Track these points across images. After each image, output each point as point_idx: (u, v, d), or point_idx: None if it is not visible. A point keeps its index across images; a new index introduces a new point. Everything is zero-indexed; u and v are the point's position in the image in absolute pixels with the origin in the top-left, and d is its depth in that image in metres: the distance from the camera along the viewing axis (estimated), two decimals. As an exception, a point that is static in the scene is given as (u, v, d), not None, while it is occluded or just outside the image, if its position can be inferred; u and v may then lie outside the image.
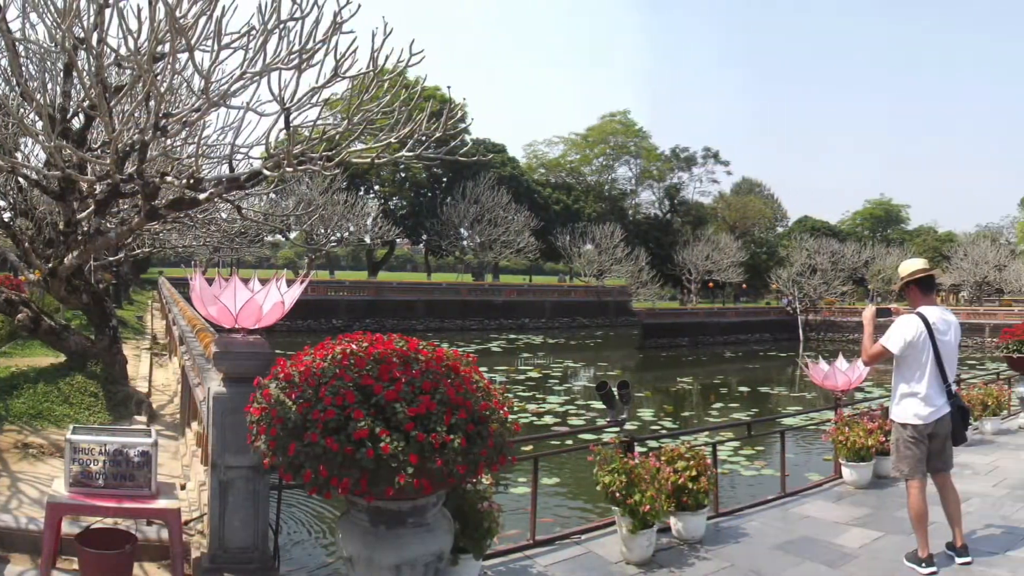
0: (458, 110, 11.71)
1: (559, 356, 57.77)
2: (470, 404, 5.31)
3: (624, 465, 7.59)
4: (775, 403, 38.95)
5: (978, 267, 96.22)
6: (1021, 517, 9.04)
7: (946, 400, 7.52)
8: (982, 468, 11.72)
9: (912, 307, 7.72)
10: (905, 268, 7.87)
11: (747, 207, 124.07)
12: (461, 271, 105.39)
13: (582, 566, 7.56)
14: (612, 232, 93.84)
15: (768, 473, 19.69)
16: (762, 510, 9.72)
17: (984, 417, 14.37)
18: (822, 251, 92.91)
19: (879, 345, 7.62)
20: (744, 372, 54.96)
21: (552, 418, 29.83)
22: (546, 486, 18.48)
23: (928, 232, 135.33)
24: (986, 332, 71.30)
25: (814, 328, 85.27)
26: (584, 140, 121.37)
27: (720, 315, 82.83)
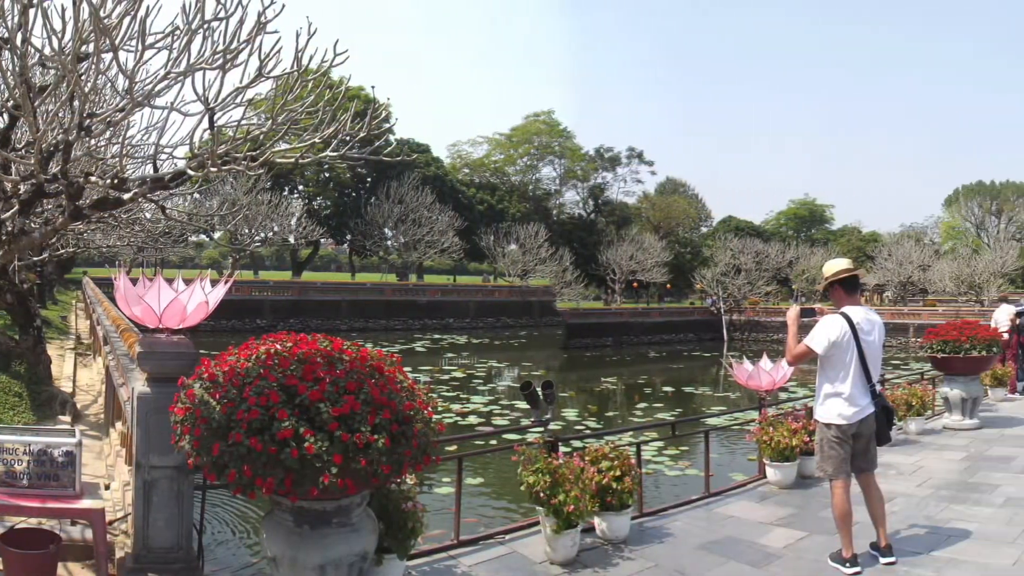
0: (382, 110, 11.65)
1: (483, 356, 57.90)
2: (394, 404, 5.32)
3: (548, 465, 7.62)
4: (699, 403, 38.94)
5: (902, 267, 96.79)
6: (945, 517, 9.11)
7: (870, 400, 7.60)
8: (906, 468, 11.82)
9: (836, 307, 7.76)
10: (829, 268, 7.92)
11: (671, 207, 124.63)
12: (385, 271, 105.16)
13: (506, 566, 7.60)
14: (536, 232, 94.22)
15: (692, 473, 19.61)
16: (686, 510, 9.78)
17: (908, 417, 14.48)
18: (746, 251, 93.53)
19: (803, 345, 7.65)
20: (668, 372, 55.10)
21: (476, 418, 29.79)
22: (470, 486, 18.33)
23: (852, 232, 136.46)
24: (910, 332, 71.82)
25: (738, 328, 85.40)
26: (508, 140, 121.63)
27: (644, 315, 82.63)
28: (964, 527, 8.62)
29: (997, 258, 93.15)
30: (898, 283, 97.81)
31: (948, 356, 15.23)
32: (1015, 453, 12.74)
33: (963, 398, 15.18)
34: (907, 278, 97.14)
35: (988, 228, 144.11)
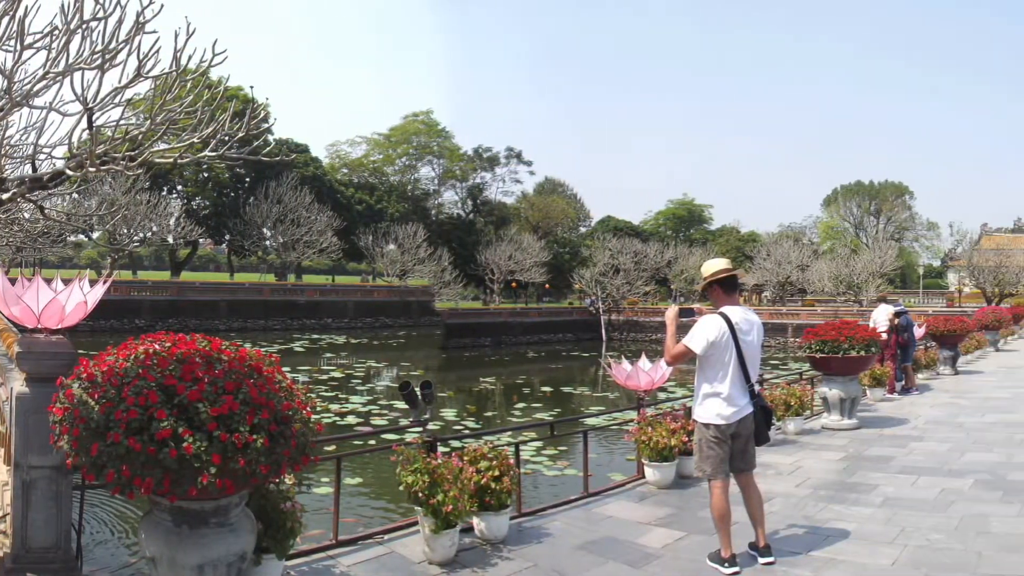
0: (261, 110, 11.55)
1: (362, 356, 57.97)
2: (273, 404, 5.35)
3: (427, 465, 7.60)
4: (578, 403, 39.20)
5: (781, 267, 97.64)
6: (824, 517, 9.21)
7: (749, 400, 7.62)
8: (785, 468, 11.92)
9: (715, 307, 7.76)
10: (708, 268, 7.92)
11: (550, 207, 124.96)
12: (264, 271, 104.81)
13: (385, 566, 7.57)
14: (415, 232, 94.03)
15: (571, 473, 19.80)
16: (565, 510, 9.80)
17: (787, 417, 14.57)
18: (625, 251, 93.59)
19: (682, 345, 7.63)
20: (547, 372, 55.39)
21: (355, 418, 29.95)
22: (349, 486, 18.51)
23: (731, 232, 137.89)
24: (789, 332, 72.50)
25: (617, 328, 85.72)
26: (387, 140, 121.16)
27: (523, 315, 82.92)
28: (843, 527, 8.71)
29: (876, 258, 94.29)
30: (777, 283, 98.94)
31: (827, 356, 15.34)
32: (893, 453, 12.90)
33: (842, 398, 15.29)
34: (786, 278, 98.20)
35: (867, 228, 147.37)
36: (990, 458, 12.36)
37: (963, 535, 8.31)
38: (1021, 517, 8.99)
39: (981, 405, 18.36)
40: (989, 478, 10.99)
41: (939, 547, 7.94)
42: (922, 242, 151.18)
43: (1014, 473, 11.29)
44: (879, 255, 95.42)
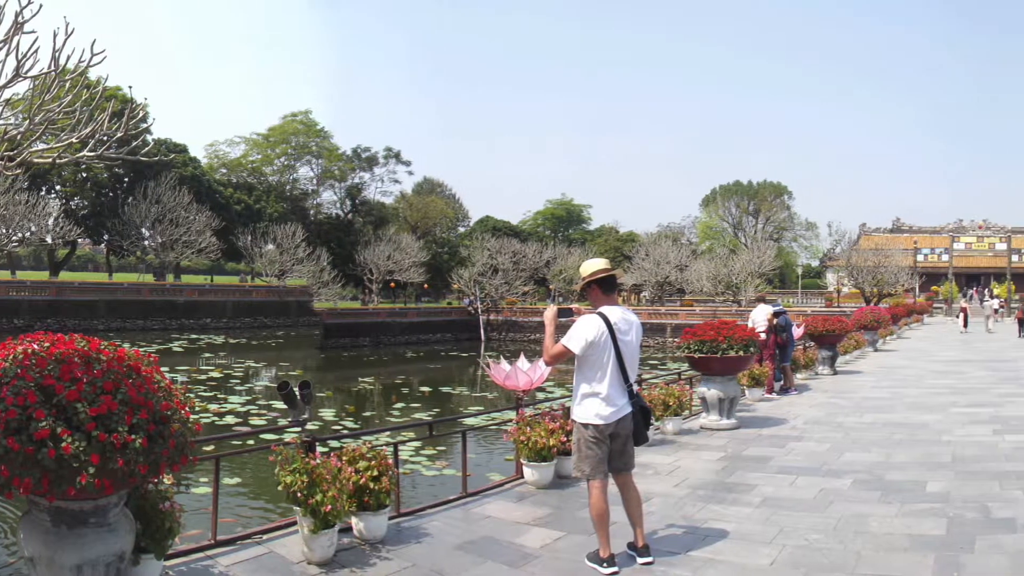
0: (140, 110, 11.38)
1: (241, 356, 57.92)
2: (152, 404, 5.35)
3: (305, 465, 7.58)
4: (457, 403, 39.27)
5: (660, 267, 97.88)
6: (702, 517, 9.27)
7: (627, 400, 7.63)
8: (664, 468, 11.97)
9: (594, 307, 7.75)
10: (586, 268, 7.88)
11: (429, 207, 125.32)
12: (143, 271, 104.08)
13: (264, 566, 7.53)
14: (294, 232, 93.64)
15: (450, 473, 19.86)
16: (444, 510, 9.78)
17: (666, 417, 14.60)
18: (504, 251, 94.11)
19: (560, 345, 7.58)
20: (426, 372, 55.16)
21: (234, 418, 29.81)
22: (228, 486, 18.52)
23: (610, 232, 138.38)
24: (667, 332, 72.65)
25: (496, 328, 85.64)
26: (266, 140, 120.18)
27: (402, 315, 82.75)
28: (721, 527, 8.81)
29: (754, 258, 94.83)
30: (655, 283, 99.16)
31: (705, 356, 15.42)
32: (772, 453, 13.04)
33: (720, 398, 15.39)
34: (664, 278, 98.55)
35: (746, 228, 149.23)
36: (869, 458, 12.56)
37: (842, 535, 8.44)
38: (899, 517, 9.12)
39: (860, 405, 18.76)
40: (868, 478, 11.17)
41: (818, 547, 8.05)
42: (801, 242, 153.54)
43: (892, 473, 11.49)
44: (758, 255, 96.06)
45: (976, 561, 7.52)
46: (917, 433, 14.81)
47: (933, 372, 27.26)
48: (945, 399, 19.49)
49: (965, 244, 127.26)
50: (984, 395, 20.36)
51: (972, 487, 10.46)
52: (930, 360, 32.65)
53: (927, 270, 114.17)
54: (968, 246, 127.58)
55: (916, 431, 15.02)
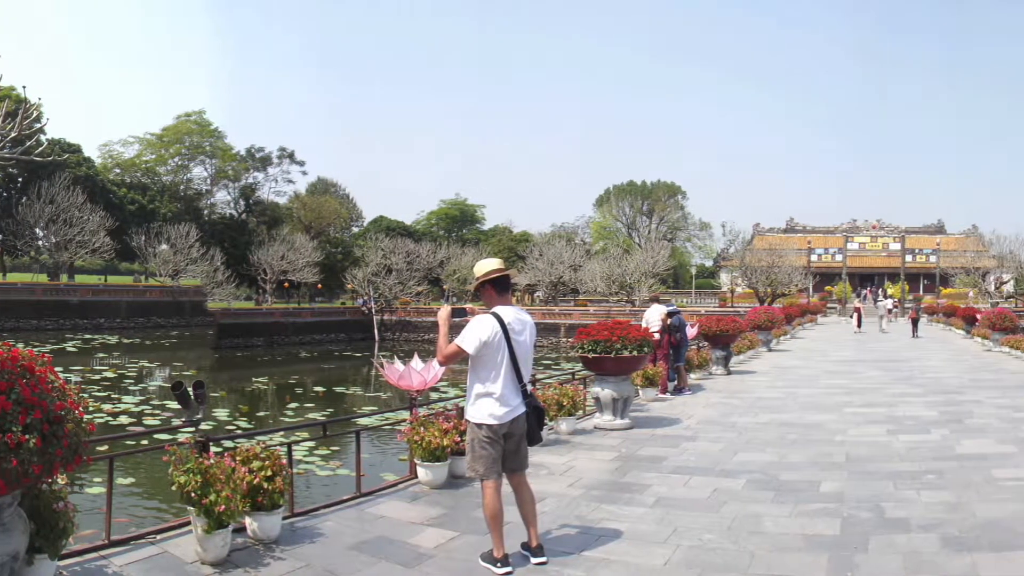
0: (34, 110, 11.20)
1: (135, 356, 57.67)
2: (45, 404, 5.26)
3: (199, 465, 7.48)
4: (351, 403, 39.32)
5: (553, 267, 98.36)
6: (596, 517, 9.26)
7: (521, 400, 7.64)
8: (558, 468, 11.94)
9: (487, 307, 7.73)
10: (480, 268, 7.85)
11: (322, 207, 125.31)
12: (36, 271, 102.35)
13: (157, 566, 7.42)
14: (187, 232, 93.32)
15: (344, 473, 19.84)
16: (338, 510, 9.71)
17: (560, 417, 14.54)
18: (397, 251, 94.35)
19: (454, 345, 7.52)
20: (320, 372, 55.11)
21: (128, 418, 29.66)
22: (122, 486, 18.38)
23: (504, 232, 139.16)
24: (561, 332, 73.18)
25: (390, 328, 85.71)
26: (160, 140, 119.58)
27: (296, 315, 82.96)
28: (615, 527, 8.82)
29: (648, 258, 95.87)
30: (549, 283, 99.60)
31: (599, 356, 15.35)
32: (666, 453, 13.04)
33: (614, 398, 15.37)
34: (558, 278, 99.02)
35: (639, 228, 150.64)
36: (763, 458, 12.64)
37: (736, 535, 8.51)
38: (793, 517, 9.22)
39: (753, 405, 18.88)
40: (762, 478, 11.23)
41: (712, 547, 8.10)
42: (695, 242, 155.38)
43: (786, 473, 11.58)
44: (651, 255, 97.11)
45: (870, 561, 7.61)
46: (811, 433, 14.97)
47: (827, 372, 27.62)
48: (839, 399, 19.76)
49: (859, 244, 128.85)
50: (878, 395, 20.63)
51: (866, 487, 10.60)
52: (824, 360, 33.16)
53: (821, 270, 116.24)
54: (862, 246, 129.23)
55: (810, 431, 15.20)
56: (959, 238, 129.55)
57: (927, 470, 11.54)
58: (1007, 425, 15.42)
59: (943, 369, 28.21)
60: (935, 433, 14.73)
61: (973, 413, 16.98)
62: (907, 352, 37.18)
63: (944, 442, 13.82)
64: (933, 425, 15.59)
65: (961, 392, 20.93)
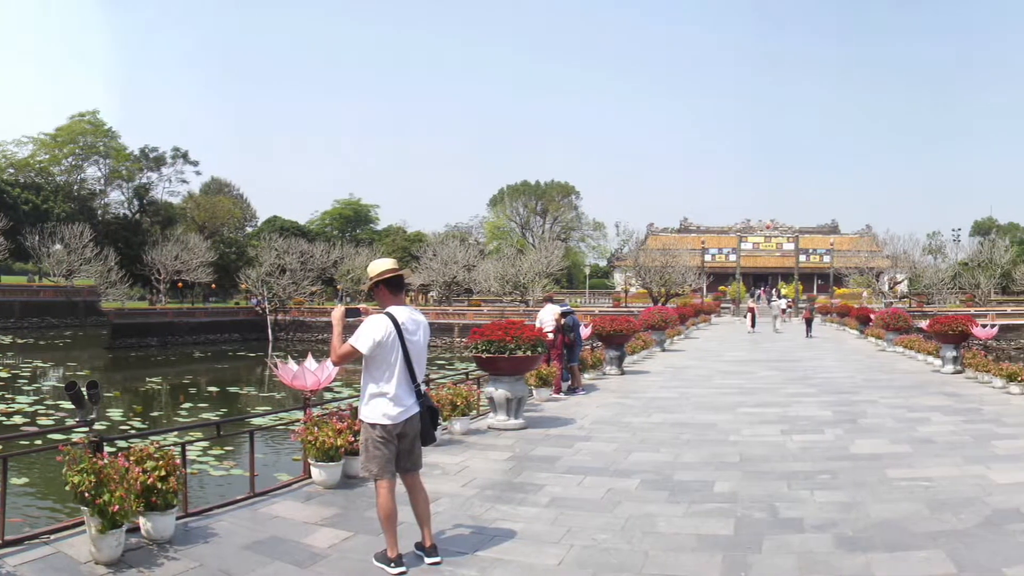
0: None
1: (28, 356, 56.92)
2: None
3: (93, 465, 7.42)
4: (245, 403, 39.17)
5: (447, 267, 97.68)
6: (490, 517, 9.32)
7: (415, 400, 7.70)
8: (452, 468, 11.96)
9: (381, 307, 7.75)
10: (374, 268, 7.87)
11: (216, 207, 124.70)
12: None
13: (51, 566, 7.35)
14: (81, 232, 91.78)
15: (238, 473, 19.74)
16: (232, 510, 9.65)
17: (454, 417, 14.53)
18: (291, 251, 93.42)
19: (348, 345, 7.52)
20: (214, 372, 54.75)
21: (21, 418, 29.52)
22: (15, 486, 18.03)
23: (398, 232, 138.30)
24: (455, 332, 73.29)
25: (284, 328, 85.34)
26: (53, 140, 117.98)
27: (190, 315, 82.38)
28: (509, 527, 8.88)
29: (542, 258, 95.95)
30: (443, 283, 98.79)
31: (493, 356, 15.46)
32: (560, 453, 13.07)
33: (508, 398, 15.41)
34: (452, 278, 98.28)
35: (533, 228, 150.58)
36: (657, 458, 12.74)
37: (630, 535, 8.58)
38: (687, 517, 9.33)
39: (647, 405, 18.96)
40: (656, 478, 11.32)
41: (606, 547, 8.16)
42: (589, 242, 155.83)
43: (680, 473, 11.68)
44: (545, 255, 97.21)
45: (764, 561, 7.72)
46: (705, 433, 15.15)
47: (721, 372, 27.93)
48: (733, 399, 20.02)
49: (753, 244, 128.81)
50: (772, 395, 20.95)
51: (760, 487, 10.75)
52: (718, 360, 33.49)
53: (715, 270, 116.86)
54: (756, 246, 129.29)
55: (704, 431, 15.38)
56: (853, 238, 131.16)
57: (821, 470, 11.73)
58: (901, 425, 15.69)
59: (837, 369, 28.74)
60: (829, 433, 15.01)
61: (867, 413, 17.28)
62: (801, 352, 37.76)
63: (838, 442, 14.06)
64: (827, 425, 15.87)
65: (855, 392, 21.33)
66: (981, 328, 26.20)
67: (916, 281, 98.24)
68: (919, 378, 24.73)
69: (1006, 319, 71.60)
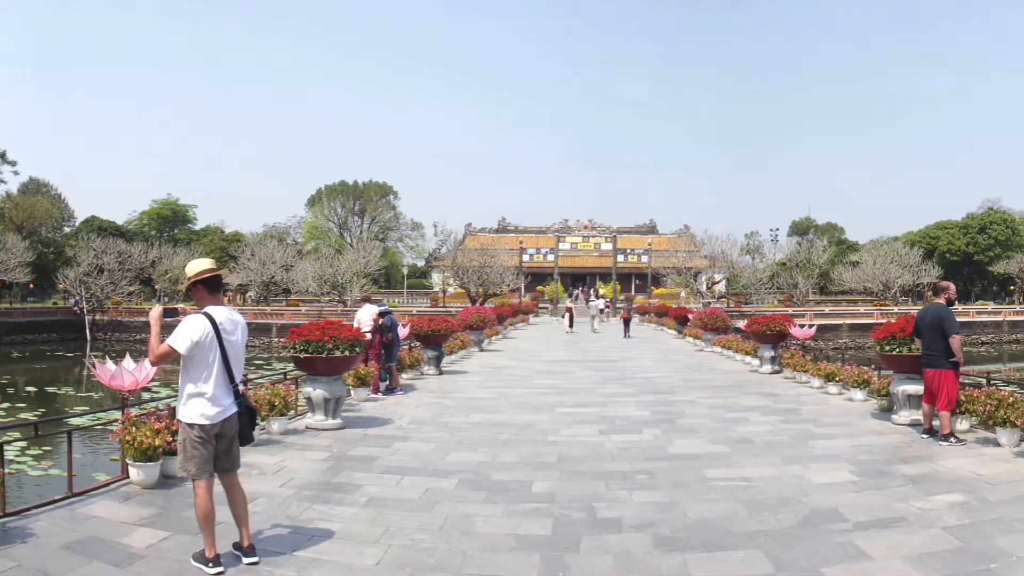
0: None
1: None
2: None
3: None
4: (63, 403, 38.26)
5: (265, 267, 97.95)
6: (308, 517, 9.34)
7: (233, 400, 7.74)
8: (269, 468, 11.92)
9: (199, 307, 7.75)
10: (192, 268, 7.85)
11: (34, 207, 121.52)
12: None
13: None
14: None
15: (56, 473, 19.31)
16: (50, 510, 9.49)
17: (271, 417, 14.51)
18: (109, 251, 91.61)
19: (166, 345, 7.46)
20: (32, 372, 53.45)
21: None
22: None
23: (216, 232, 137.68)
24: (273, 332, 73.15)
25: (102, 328, 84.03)
26: None
27: (7, 315, 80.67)
28: (327, 527, 8.92)
29: (360, 258, 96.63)
30: (261, 283, 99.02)
31: (311, 356, 15.47)
32: (378, 453, 13.11)
33: (326, 398, 15.43)
34: (270, 278, 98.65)
35: (351, 228, 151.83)
36: (475, 458, 12.84)
37: (448, 535, 8.68)
38: (505, 517, 9.45)
39: (465, 405, 19.10)
40: (474, 478, 11.41)
41: (424, 547, 8.23)
42: (407, 242, 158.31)
43: (498, 473, 11.79)
44: (363, 255, 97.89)
45: (582, 561, 7.82)
46: (523, 433, 15.27)
47: (539, 372, 28.11)
48: (551, 399, 20.19)
49: (571, 244, 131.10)
50: (590, 395, 21.08)
51: (578, 487, 10.89)
52: (536, 360, 33.75)
53: (533, 270, 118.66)
54: (574, 246, 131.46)
55: (522, 431, 15.49)
56: (671, 238, 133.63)
57: (639, 470, 11.91)
58: (719, 425, 16.02)
59: (655, 369, 29.13)
60: (647, 433, 15.23)
61: (685, 413, 17.57)
62: (619, 352, 38.09)
63: (656, 442, 14.28)
64: (645, 425, 16.11)
65: (673, 392, 21.69)
66: (799, 328, 26.56)
67: (734, 281, 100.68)
68: (737, 378, 25.27)
69: (824, 319, 74.31)
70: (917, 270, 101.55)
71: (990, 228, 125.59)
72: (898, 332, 15.44)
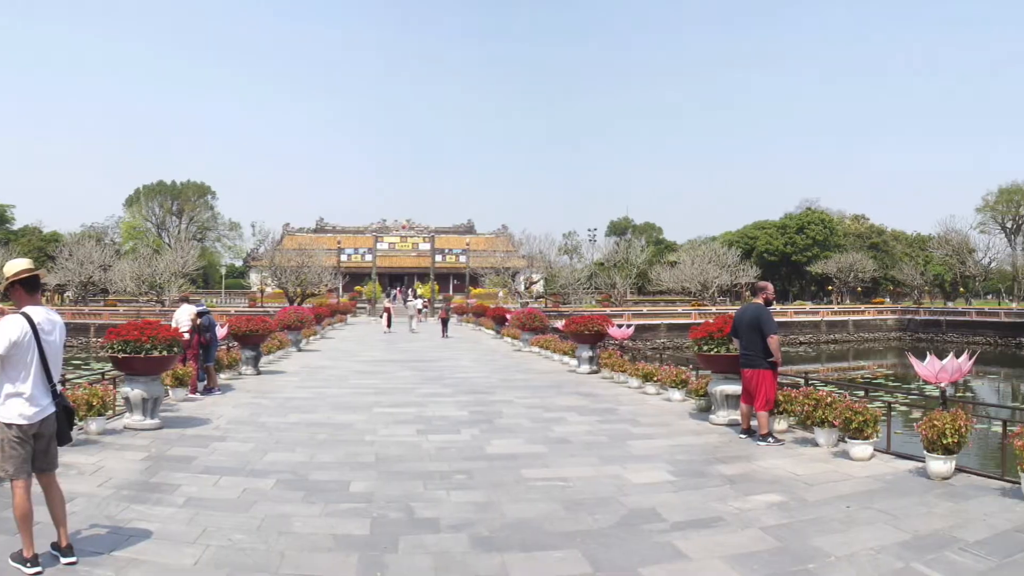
0: None
1: None
2: None
3: None
4: None
5: (83, 267, 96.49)
6: (127, 517, 9.23)
7: (51, 400, 7.68)
8: (88, 468, 11.75)
9: (18, 307, 7.68)
10: (10, 268, 7.82)
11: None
12: None
13: None
14: None
15: None
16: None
17: (89, 417, 14.31)
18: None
19: None
20: None
21: None
22: None
23: (34, 232, 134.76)
24: (92, 332, 71.95)
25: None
26: None
27: None
28: (146, 527, 8.82)
29: (178, 258, 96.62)
30: (79, 283, 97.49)
31: (129, 356, 15.41)
32: (196, 453, 13.05)
33: (144, 398, 15.31)
34: (88, 278, 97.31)
35: (169, 228, 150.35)
36: (293, 458, 12.85)
37: (266, 535, 8.69)
38: (323, 517, 9.50)
39: (283, 405, 19.15)
40: (292, 478, 11.44)
41: (242, 547, 8.23)
42: (225, 242, 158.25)
43: (316, 473, 11.84)
44: (181, 255, 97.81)
45: (400, 561, 7.91)
46: (341, 433, 15.34)
47: (357, 372, 28.24)
48: (369, 399, 20.32)
49: (389, 244, 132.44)
50: (408, 395, 21.25)
51: (396, 487, 11.00)
52: (354, 360, 33.90)
53: (351, 270, 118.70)
54: (392, 246, 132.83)
55: (340, 431, 15.57)
56: (489, 238, 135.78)
57: (457, 470, 12.06)
58: (537, 425, 16.28)
59: (473, 369, 29.46)
60: (465, 433, 15.41)
61: (503, 413, 17.82)
62: (437, 352, 38.37)
63: (474, 442, 14.47)
64: (463, 425, 16.31)
65: (491, 392, 21.99)
66: (617, 328, 26.77)
67: (552, 281, 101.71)
68: (555, 378, 25.65)
69: (642, 319, 75.70)
70: (735, 270, 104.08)
71: (808, 228, 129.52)
72: (716, 332, 15.73)
